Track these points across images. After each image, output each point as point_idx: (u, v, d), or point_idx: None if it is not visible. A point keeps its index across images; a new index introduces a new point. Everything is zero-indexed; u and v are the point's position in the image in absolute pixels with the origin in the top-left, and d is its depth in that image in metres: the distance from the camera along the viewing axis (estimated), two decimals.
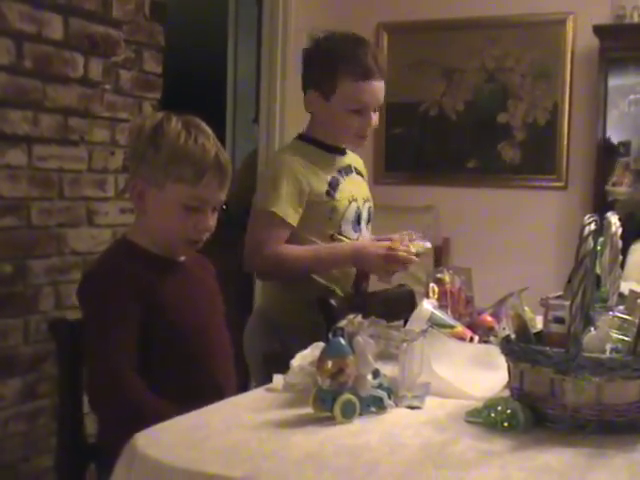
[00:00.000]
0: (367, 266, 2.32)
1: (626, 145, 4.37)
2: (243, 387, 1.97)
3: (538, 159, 4.58)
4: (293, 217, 2.25)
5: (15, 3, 2.52)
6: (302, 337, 2.16)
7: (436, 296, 2.20)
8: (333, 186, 2.32)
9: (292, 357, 1.78)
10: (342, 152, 2.42)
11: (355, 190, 2.39)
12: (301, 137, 2.42)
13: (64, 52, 2.73)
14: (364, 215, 2.41)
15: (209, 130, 1.76)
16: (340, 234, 2.33)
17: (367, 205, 2.44)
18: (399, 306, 2.30)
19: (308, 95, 2.35)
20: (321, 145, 2.37)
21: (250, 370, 2.39)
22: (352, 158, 2.48)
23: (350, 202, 2.35)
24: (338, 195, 2.32)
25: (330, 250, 2.28)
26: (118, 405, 1.61)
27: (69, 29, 2.72)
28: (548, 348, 1.41)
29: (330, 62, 2.28)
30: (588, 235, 1.42)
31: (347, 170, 2.40)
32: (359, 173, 2.48)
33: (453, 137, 4.76)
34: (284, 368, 1.65)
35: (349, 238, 2.35)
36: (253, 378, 2.43)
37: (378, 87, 2.31)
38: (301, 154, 2.33)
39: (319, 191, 2.29)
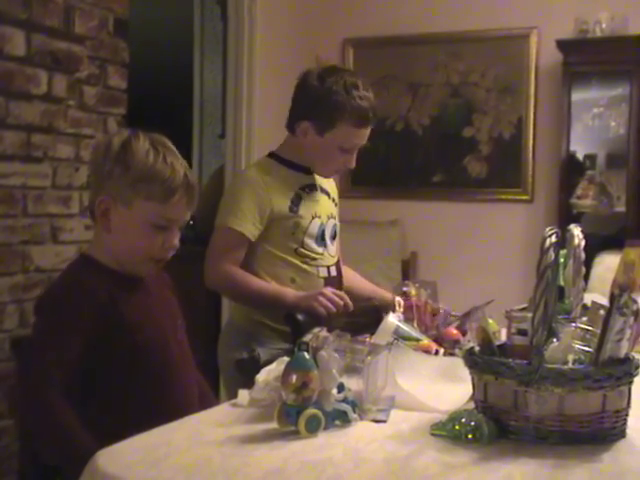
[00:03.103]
0: (304, 308, 2.30)
1: (591, 158, 4.42)
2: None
3: (504, 173, 4.62)
4: (252, 232, 2.30)
5: None
6: (272, 346, 2.26)
7: (402, 309, 2.21)
8: (295, 202, 2.37)
9: (264, 365, 1.81)
10: (307, 171, 2.45)
11: (318, 207, 2.43)
12: (271, 155, 2.47)
13: (27, 68, 2.72)
14: (328, 231, 2.45)
15: (175, 149, 1.75)
16: (304, 248, 2.37)
17: (332, 222, 2.48)
18: (364, 321, 2.30)
19: (301, 125, 2.37)
20: (288, 164, 2.42)
21: (223, 381, 2.42)
22: (319, 178, 2.50)
23: (313, 218, 2.40)
24: (301, 211, 2.37)
25: (275, 296, 2.31)
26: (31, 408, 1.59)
27: (31, 45, 2.70)
28: (511, 360, 1.42)
29: (332, 104, 2.32)
30: (549, 247, 1.43)
31: (310, 187, 2.44)
32: (324, 191, 2.50)
33: (419, 151, 4.78)
34: (256, 375, 1.65)
35: (314, 252, 2.38)
36: (225, 389, 2.48)
37: (369, 131, 2.39)
38: (265, 171, 2.38)
39: (281, 207, 2.34)
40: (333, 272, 2.44)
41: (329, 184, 2.55)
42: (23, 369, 1.66)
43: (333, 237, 2.48)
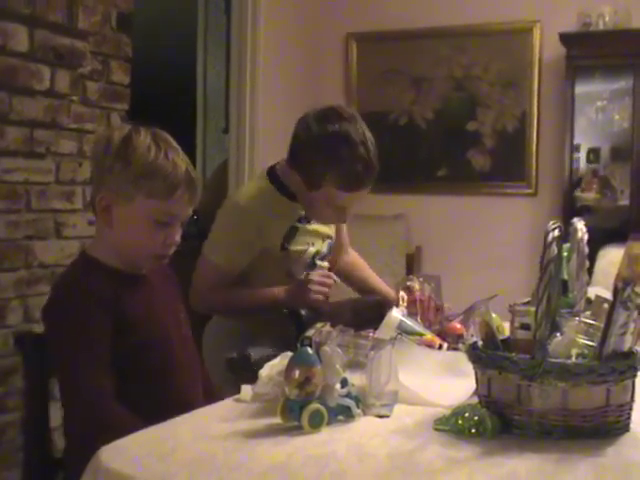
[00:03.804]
0: (301, 304, 2.26)
1: (595, 151, 4.41)
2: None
3: (508, 166, 4.62)
4: (236, 268, 2.24)
5: None
6: (262, 343, 2.18)
7: (405, 304, 2.21)
8: (289, 237, 2.27)
9: (254, 364, 1.80)
10: None
11: (313, 235, 2.34)
12: (271, 176, 2.31)
13: (30, 64, 2.71)
14: (322, 252, 2.38)
15: (177, 144, 1.74)
16: (292, 274, 2.30)
17: (326, 243, 2.40)
18: (367, 315, 2.30)
19: (292, 174, 2.23)
20: (287, 193, 2.28)
21: (210, 372, 2.38)
22: None
23: (305, 250, 2.31)
24: (292, 246, 2.28)
25: (267, 300, 2.24)
26: (95, 424, 1.59)
27: (34, 41, 2.70)
28: (514, 354, 1.42)
29: (320, 163, 2.15)
30: (552, 241, 1.42)
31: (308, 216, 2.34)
32: None
33: (423, 145, 4.78)
34: (248, 375, 1.64)
35: (302, 276, 2.30)
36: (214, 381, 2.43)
37: (363, 194, 2.24)
38: (262, 202, 2.24)
39: (273, 244, 2.25)
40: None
41: None
42: (66, 388, 1.64)
43: (325, 256, 2.40)
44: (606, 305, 1.55)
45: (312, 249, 2.33)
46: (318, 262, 2.36)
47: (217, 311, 2.36)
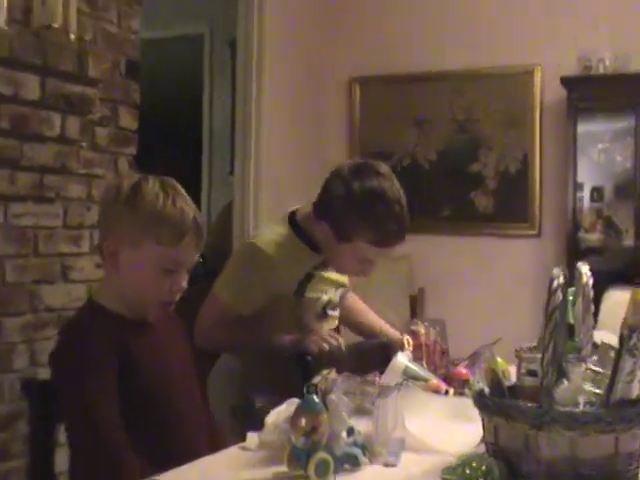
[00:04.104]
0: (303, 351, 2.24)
1: (598, 191, 4.43)
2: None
3: (511, 207, 4.64)
4: (248, 310, 2.21)
5: None
6: (267, 390, 2.11)
7: (411, 348, 2.21)
8: (304, 284, 2.26)
9: (259, 411, 1.79)
10: None
11: (326, 283, 2.33)
12: (291, 222, 2.29)
13: (41, 112, 2.75)
14: (334, 301, 2.36)
15: (184, 192, 1.76)
16: (303, 323, 2.29)
17: (339, 291, 2.39)
18: (372, 358, 2.30)
19: (321, 225, 2.21)
20: (306, 240, 2.27)
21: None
22: None
23: (318, 298, 2.30)
24: (307, 293, 2.27)
25: (273, 342, 2.22)
26: (105, 468, 1.59)
27: (46, 89, 2.74)
28: (521, 402, 1.42)
29: (356, 218, 2.15)
30: (557, 288, 1.43)
31: (325, 264, 2.31)
32: None
33: (426, 187, 4.81)
34: (253, 423, 1.64)
35: (312, 327, 2.30)
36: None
37: (393, 250, 2.24)
38: (282, 246, 2.23)
39: (287, 291, 2.23)
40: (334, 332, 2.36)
41: None
42: (75, 433, 1.64)
43: (337, 305, 2.38)
44: (612, 352, 1.55)
45: (325, 297, 2.32)
46: (329, 312, 2.35)
47: (221, 348, 2.34)
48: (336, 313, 2.40)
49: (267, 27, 4.34)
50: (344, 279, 2.42)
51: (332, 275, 2.35)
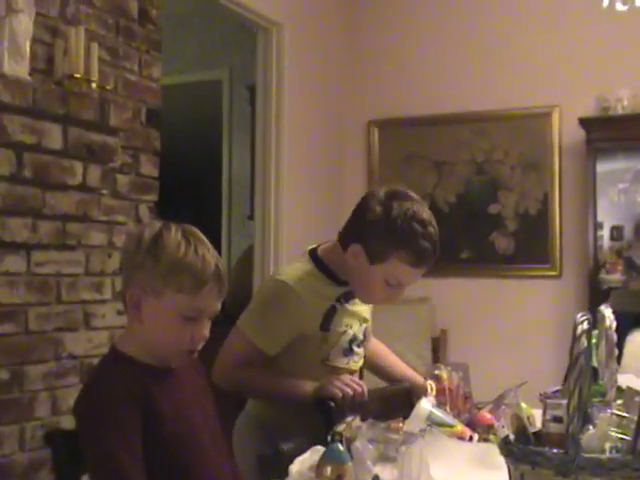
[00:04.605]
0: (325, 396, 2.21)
1: (618, 229, 4.42)
2: None
3: (531, 248, 4.63)
4: (274, 350, 2.20)
5: (16, 115, 2.59)
6: (294, 437, 2.10)
7: (434, 393, 2.20)
8: (329, 317, 2.25)
9: (286, 459, 1.77)
10: (347, 283, 2.32)
11: (352, 317, 2.32)
12: (315, 258, 2.31)
13: (63, 161, 2.78)
14: (359, 338, 2.35)
15: (207, 240, 1.77)
16: (329, 361, 2.27)
17: (363, 327, 2.37)
18: (396, 403, 2.29)
19: (353, 247, 2.22)
20: (329, 274, 2.28)
21: (240, 469, 2.34)
22: None
23: (344, 332, 2.29)
24: (332, 326, 2.26)
25: (292, 388, 2.21)
26: None
27: (68, 138, 2.78)
28: (547, 449, 1.40)
29: (390, 236, 2.18)
30: (581, 334, 1.43)
31: (347, 297, 2.31)
32: None
33: (446, 229, 4.78)
34: (279, 471, 1.63)
35: (339, 364, 2.29)
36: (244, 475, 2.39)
37: (421, 273, 2.28)
38: (306, 280, 2.23)
39: (312, 326, 2.23)
40: (356, 377, 2.36)
41: None
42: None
43: (362, 342, 2.37)
44: (638, 398, 1.54)
45: (350, 332, 2.31)
46: (355, 348, 2.33)
47: (240, 389, 2.30)
48: (361, 351, 2.38)
49: (285, 72, 4.40)
50: (366, 314, 2.41)
51: (355, 309, 2.34)
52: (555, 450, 1.39)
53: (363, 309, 2.38)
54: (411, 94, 4.87)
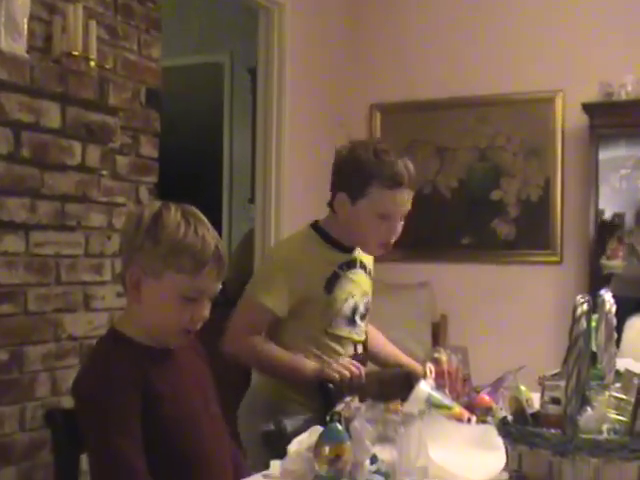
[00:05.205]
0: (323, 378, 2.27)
1: (620, 217, 4.41)
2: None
3: (532, 235, 4.62)
4: (282, 310, 2.26)
5: (14, 94, 2.57)
6: (298, 416, 2.19)
7: (433, 376, 2.20)
8: (331, 282, 2.31)
9: (289, 436, 1.79)
10: (350, 250, 2.40)
11: (354, 286, 2.37)
12: (315, 227, 2.40)
13: (62, 140, 2.77)
14: (360, 310, 2.39)
15: (206, 220, 1.76)
16: (333, 328, 2.32)
17: (365, 300, 2.41)
18: (394, 386, 2.29)
19: (337, 198, 2.33)
20: (330, 240, 2.36)
21: (245, 448, 2.37)
22: (358, 251, 2.44)
23: (346, 299, 2.34)
24: (335, 292, 2.31)
25: (295, 367, 2.27)
26: None
27: (66, 118, 2.76)
28: (545, 430, 1.41)
29: (362, 169, 2.28)
30: (581, 316, 1.43)
31: (349, 265, 2.38)
32: (362, 266, 2.44)
33: (447, 214, 4.80)
34: (283, 447, 1.64)
35: (342, 333, 2.34)
36: (249, 456, 2.41)
37: (406, 195, 2.31)
38: (305, 247, 2.34)
39: (316, 289, 2.28)
40: (360, 349, 2.39)
41: (368, 259, 2.48)
42: (98, 465, 1.63)
43: (364, 316, 2.42)
44: (636, 380, 1.54)
45: (352, 300, 2.35)
46: (358, 321, 2.37)
47: (243, 357, 2.37)
48: (363, 325, 2.41)
49: (287, 54, 4.37)
50: (367, 287, 2.44)
51: (357, 278, 2.39)
52: (553, 431, 1.39)
53: (365, 281, 2.43)
54: (414, 78, 4.84)
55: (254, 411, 2.38)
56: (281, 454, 1.65)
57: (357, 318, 2.38)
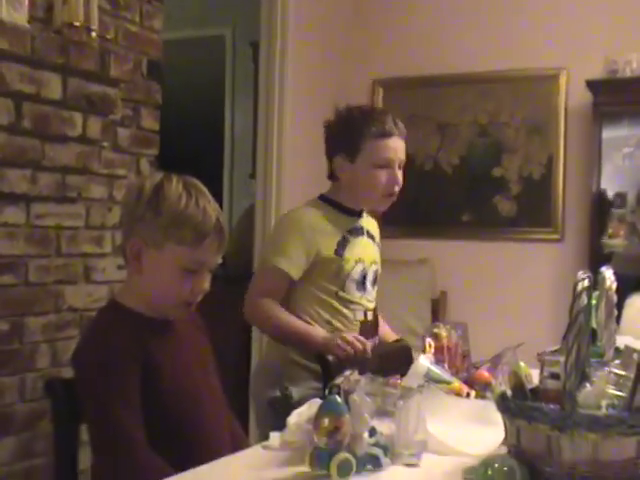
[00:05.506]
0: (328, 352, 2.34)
1: (621, 197, 4.40)
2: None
3: (533, 212, 4.61)
4: (296, 272, 2.34)
5: (15, 64, 2.56)
6: (305, 385, 2.31)
7: (432, 351, 2.21)
8: (341, 245, 2.40)
9: (294, 403, 1.88)
10: (357, 215, 2.51)
11: (362, 252, 2.46)
12: (321, 197, 2.51)
13: (62, 111, 2.76)
14: (370, 276, 2.47)
15: (208, 192, 1.76)
16: (344, 292, 2.40)
17: (374, 267, 2.50)
18: (395, 361, 2.30)
19: (335, 162, 2.45)
20: (338, 206, 2.46)
21: (256, 419, 2.46)
22: (366, 221, 2.56)
23: (356, 263, 2.42)
24: (345, 255, 2.40)
25: (306, 335, 2.35)
26: (127, 470, 1.59)
27: (67, 89, 2.75)
28: (544, 405, 1.41)
29: (353, 126, 2.40)
30: (582, 291, 1.42)
31: (358, 232, 2.48)
32: (370, 236, 2.54)
33: (448, 191, 4.79)
34: (289, 414, 1.66)
35: (353, 296, 2.42)
36: (258, 428, 2.52)
37: (399, 144, 2.43)
38: (314, 212, 2.43)
39: (327, 250, 2.37)
40: (369, 317, 2.46)
41: (374, 229, 2.59)
42: (98, 434, 1.65)
43: (374, 282, 2.50)
44: (636, 355, 1.54)
45: (361, 265, 2.43)
46: (368, 286, 2.45)
47: (257, 322, 2.49)
48: (374, 292, 2.50)
49: (289, 29, 4.34)
50: (376, 255, 2.53)
51: (365, 244, 2.48)
52: (552, 406, 1.39)
53: (372, 249, 2.52)
54: (416, 53, 4.81)
55: (263, 378, 2.46)
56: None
57: (368, 284, 2.46)
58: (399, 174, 2.44)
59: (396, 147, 2.41)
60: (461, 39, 4.71)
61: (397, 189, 2.45)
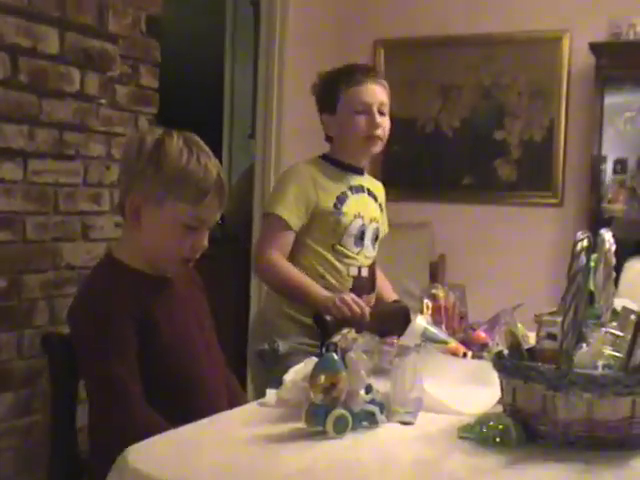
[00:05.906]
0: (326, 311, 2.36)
1: (622, 162, 4.38)
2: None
3: (534, 176, 4.59)
4: (295, 222, 2.38)
5: (11, 17, 2.52)
6: (294, 340, 2.35)
7: (430, 312, 2.21)
8: (340, 200, 2.44)
9: (281, 356, 1.95)
10: (358, 172, 2.55)
11: (362, 208, 2.49)
12: (322, 156, 2.55)
13: (60, 66, 2.73)
14: (368, 233, 2.50)
15: (208, 149, 1.74)
16: (341, 245, 2.43)
17: (373, 225, 2.52)
18: (393, 322, 2.31)
19: (324, 121, 2.52)
20: (338, 164, 2.50)
21: (249, 371, 2.58)
22: (368, 181, 2.60)
23: (355, 217, 2.45)
24: (344, 209, 2.43)
25: (309, 292, 2.37)
26: (124, 424, 1.59)
27: (65, 43, 2.72)
28: (540, 364, 1.41)
29: (330, 82, 2.48)
30: (580, 252, 1.42)
31: (357, 189, 2.51)
32: (371, 194, 2.57)
33: (449, 154, 4.77)
34: (276, 365, 1.67)
35: (350, 251, 2.44)
36: (251, 379, 2.63)
37: (375, 88, 2.46)
38: (316, 167, 2.48)
39: (326, 203, 2.41)
40: (364, 273, 2.47)
41: (378, 190, 2.62)
42: (94, 389, 1.65)
43: (374, 240, 2.53)
44: (633, 317, 1.54)
45: (360, 221, 2.47)
46: (366, 241, 2.48)
47: (262, 274, 2.51)
48: (372, 249, 2.52)
49: None
50: (377, 214, 2.57)
51: (365, 201, 2.52)
52: (548, 365, 1.39)
53: (373, 207, 2.55)
54: (419, 14, 4.76)
55: (257, 330, 2.52)
56: (275, 374, 1.67)
57: (366, 240, 2.49)
58: (379, 118, 2.46)
59: (372, 91, 2.45)
60: (465, 0, 4.66)
61: (380, 132, 2.47)
